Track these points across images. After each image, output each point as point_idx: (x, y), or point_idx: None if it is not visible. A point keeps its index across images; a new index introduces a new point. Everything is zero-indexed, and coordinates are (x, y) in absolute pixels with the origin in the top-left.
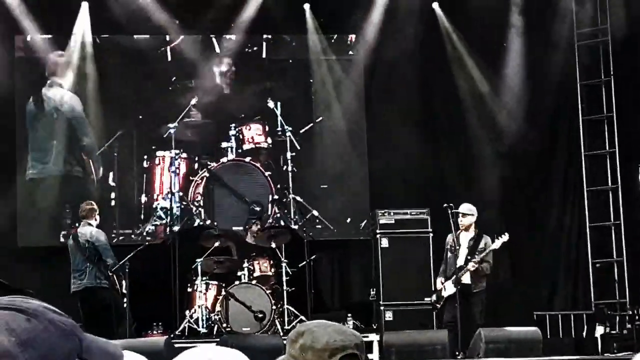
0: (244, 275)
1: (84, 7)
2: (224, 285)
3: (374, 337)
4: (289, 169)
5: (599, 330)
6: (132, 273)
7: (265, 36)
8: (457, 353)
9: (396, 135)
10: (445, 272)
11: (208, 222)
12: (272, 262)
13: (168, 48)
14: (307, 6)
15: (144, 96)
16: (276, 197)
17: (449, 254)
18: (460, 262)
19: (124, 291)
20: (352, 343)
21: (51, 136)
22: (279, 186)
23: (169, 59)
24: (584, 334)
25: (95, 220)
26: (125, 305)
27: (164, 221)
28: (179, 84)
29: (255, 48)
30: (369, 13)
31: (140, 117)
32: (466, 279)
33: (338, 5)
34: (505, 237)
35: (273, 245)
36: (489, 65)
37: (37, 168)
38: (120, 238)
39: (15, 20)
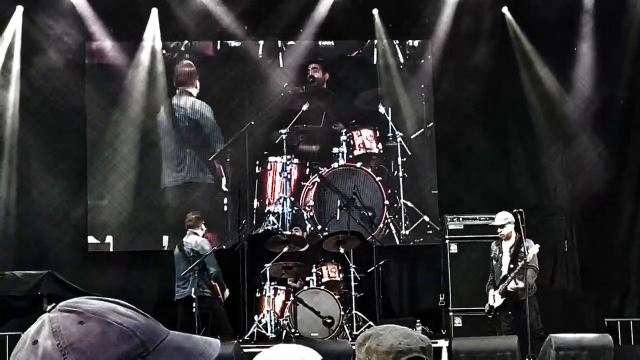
0: (313, 280)
1: (154, 13)
2: (292, 290)
3: (443, 343)
4: (400, 174)
5: None
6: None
7: (376, 41)
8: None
9: (465, 140)
10: (494, 282)
11: (319, 227)
12: (340, 267)
13: (280, 54)
14: (375, 11)
15: (256, 101)
16: (387, 202)
17: (494, 263)
18: (504, 271)
19: (193, 296)
20: (418, 346)
21: (184, 145)
22: (389, 191)
23: (281, 65)
24: None
25: (202, 229)
26: (194, 309)
27: (275, 226)
28: (291, 90)
29: (365, 53)
30: (438, 18)
31: (252, 122)
32: (512, 286)
33: (407, 11)
34: (535, 249)
35: (341, 250)
36: (559, 68)
37: (172, 177)
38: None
39: (87, 27)
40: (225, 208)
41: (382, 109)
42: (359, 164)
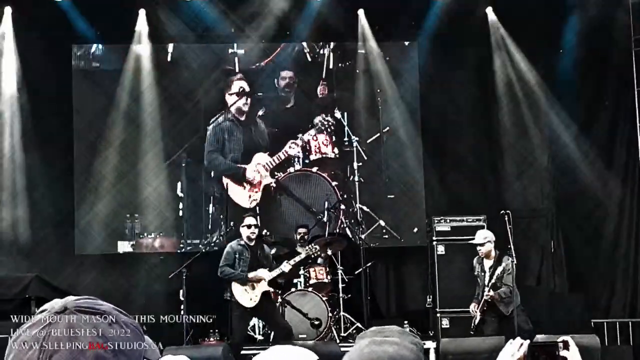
0: (300, 282)
1: (142, 15)
2: (280, 292)
3: (430, 345)
4: (356, 179)
5: None
6: (189, 280)
7: (332, 45)
8: None
9: (453, 141)
10: (478, 297)
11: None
12: (328, 269)
13: (236, 59)
14: (361, 12)
15: (213, 105)
16: (343, 207)
17: (478, 280)
18: (485, 291)
19: (182, 298)
20: None
21: None
22: (345, 196)
23: (237, 69)
24: None
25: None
26: (182, 312)
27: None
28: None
29: (320, 58)
30: (423, 19)
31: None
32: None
33: (392, 12)
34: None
35: (329, 252)
36: (545, 67)
37: None
38: (188, 248)
39: (73, 29)
40: (181, 213)
41: (338, 114)
42: (315, 169)
